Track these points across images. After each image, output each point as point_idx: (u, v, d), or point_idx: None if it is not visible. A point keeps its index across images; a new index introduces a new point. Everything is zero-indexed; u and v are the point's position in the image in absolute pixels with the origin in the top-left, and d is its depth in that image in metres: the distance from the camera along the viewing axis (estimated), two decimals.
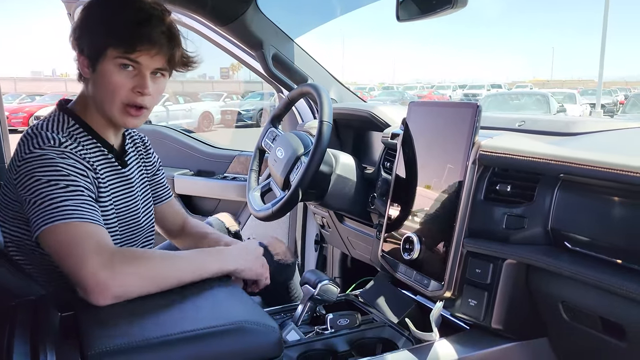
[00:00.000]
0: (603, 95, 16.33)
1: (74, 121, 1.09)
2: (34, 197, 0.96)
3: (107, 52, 1.03)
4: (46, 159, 0.98)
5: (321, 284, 1.21)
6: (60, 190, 0.97)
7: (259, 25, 1.73)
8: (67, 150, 1.01)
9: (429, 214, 1.19)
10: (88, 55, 1.06)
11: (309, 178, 1.39)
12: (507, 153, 1.05)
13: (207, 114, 14.61)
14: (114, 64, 1.04)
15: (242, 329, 0.88)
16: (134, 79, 1.05)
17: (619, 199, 0.89)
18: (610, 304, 0.90)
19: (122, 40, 1.03)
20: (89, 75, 1.07)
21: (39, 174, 0.97)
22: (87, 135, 1.10)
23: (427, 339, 1.10)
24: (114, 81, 1.05)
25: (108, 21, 1.04)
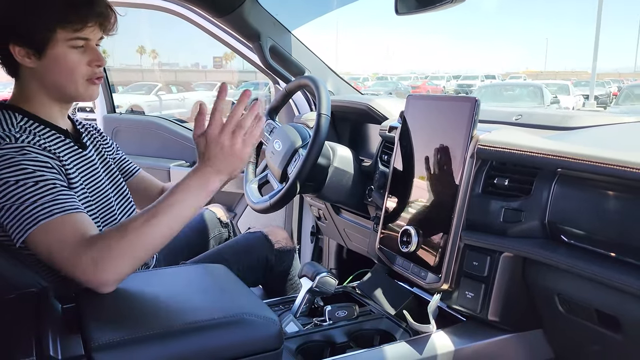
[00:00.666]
0: (596, 86, 16.39)
1: (21, 115, 1.06)
2: (7, 202, 0.94)
3: (57, 36, 1.02)
4: (8, 159, 0.95)
5: (319, 276, 1.22)
6: (32, 190, 0.95)
7: (257, 17, 1.72)
8: (26, 145, 0.98)
9: (426, 207, 1.20)
10: (31, 43, 1.02)
11: (307, 171, 1.40)
12: (505, 147, 1.06)
13: (200, 103, 14.54)
14: (67, 46, 1.03)
15: (243, 321, 0.89)
16: (85, 54, 1.06)
17: (615, 194, 0.90)
18: (605, 297, 0.92)
19: (72, 20, 1.02)
20: (33, 65, 1.04)
21: (5, 176, 0.94)
22: (39, 125, 1.07)
23: (425, 331, 1.11)
24: (70, 62, 1.04)
25: (49, 5, 1.01)
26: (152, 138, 2.55)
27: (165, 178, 2.44)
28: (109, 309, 0.93)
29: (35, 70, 1.05)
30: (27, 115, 1.06)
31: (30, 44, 1.02)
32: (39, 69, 1.05)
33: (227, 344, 0.87)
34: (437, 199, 1.17)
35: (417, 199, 1.23)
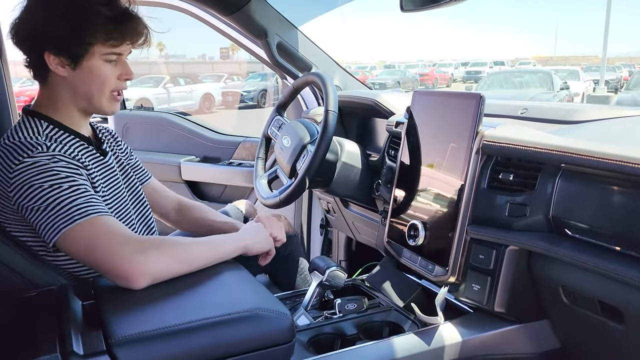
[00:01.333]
0: (607, 71, 16.21)
1: (47, 123, 1.09)
2: (41, 204, 0.98)
3: (95, 50, 1.06)
4: (41, 166, 0.99)
5: (329, 270, 1.25)
6: (66, 192, 0.99)
7: (264, 14, 1.74)
8: (57, 153, 1.02)
9: (433, 201, 1.22)
10: (68, 53, 1.05)
11: (316, 167, 1.43)
12: (509, 143, 1.08)
13: (208, 95, 14.56)
14: (101, 59, 1.07)
15: (257, 315, 0.92)
16: (116, 67, 1.10)
17: (618, 189, 0.92)
18: (608, 289, 0.94)
19: (112, 37, 1.06)
20: (66, 73, 1.07)
21: (39, 181, 0.98)
22: (64, 133, 1.10)
23: (432, 322, 1.14)
24: (103, 74, 1.08)
25: (91, 19, 1.04)
26: (162, 134, 2.58)
27: (176, 173, 2.48)
28: (128, 305, 0.96)
29: (67, 79, 1.08)
30: (52, 123, 1.10)
31: (66, 54, 1.05)
32: (71, 78, 1.08)
33: (242, 338, 0.90)
34: (443, 193, 1.19)
35: (424, 193, 1.25)
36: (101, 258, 0.97)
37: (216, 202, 2.45)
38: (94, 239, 0.97)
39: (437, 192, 1.21)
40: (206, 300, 0.98)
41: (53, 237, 0.98)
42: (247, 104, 14.73)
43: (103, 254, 0.97)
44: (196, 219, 1.43)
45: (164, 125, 2.59)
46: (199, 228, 1.41)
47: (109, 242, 0.97)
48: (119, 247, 0.97)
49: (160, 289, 1.01)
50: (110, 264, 0.97)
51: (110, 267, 0.97)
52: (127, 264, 0.96)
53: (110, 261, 0.97)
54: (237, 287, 1.05)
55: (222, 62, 22.99)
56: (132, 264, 0.96)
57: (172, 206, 1.43)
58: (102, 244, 0.97)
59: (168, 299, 0.98)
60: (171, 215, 1.43)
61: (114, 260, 0.96)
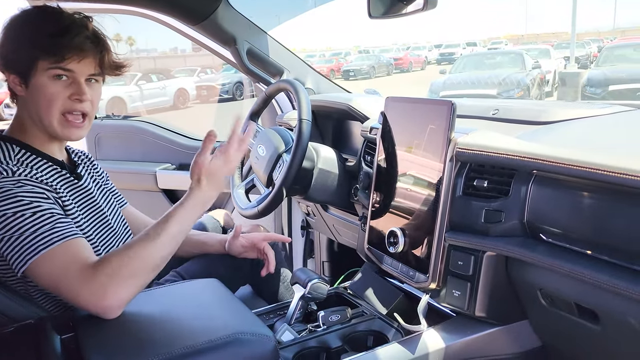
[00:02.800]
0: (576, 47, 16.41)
1: (18, 147, 1.08)
2: (6, 233, 0.96)
3: (38, 65, 1.05)
4: (5, 192, 0.98)
5: (311, 282, 1.25)
6: (30, 220, 0.97)
7: (231, 22, 1.71)
8: (22, 178, 1.00)
9: (410, 208, 1.22)
10: (18, 72, 1.06)
11: (292, 176, 1.42)
12: (482, 150, 1.08)
13: (183, 90, 14.36)
14: (47, 76, 1.05)
15: (238, 340, 0.92)
16: (69, 87, 1.07)
17: (589, 194, 0.93)
18: (583, 292, 0.96)
19: (49, 50, 1.04)
20: (23, 93, 1.08)
21: (3, 208, 0.97)
22: (35, 157, 1.09)
23: (416, 330, 1.15)
24: (49, 92, 1.06)
25: (32, 35, 1.05)
26: (136, 142, 2.54)
27: (152, 182, 2.45)
28: (108, 337, 0.95)
29: (25, 100, 1.09)
30: (23, 147, 1.09)
31: (17, 72, 1.06)
32: (27, 97, 1.08)
33: None
34: (420, 200, 1.19)
35: (401, 200, 1.26)
36: (64, 294, 0.96)
37: None
38: (53, 274, 0.96)
39: (414, 199, 1.21)
40: (187, 326, 0.98)
41: (20, 267, 0.97)
42: (223, 97, 14.59)
43: (64, 290, 0.96)
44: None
45: (137, 134, 2.55)
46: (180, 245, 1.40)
47: (66, 278, 0.95)
48: (76, 283, 0.94)
49: (138, 315, 1.00)
50: (74, 300, 0.96)
51: (75, 303, 0.96)
52: (89, 298, 0.94)
53: (73, 298, 0.96)
54: (217, 309, 1.05)
55: (194, 54, 22.63)
56: (94, 298, 0.94)
57: (144, 227, 1.41)
58: (61, 280, 0.95)
59: (149, 327, 0.97)
60: None
61: (76, 298, 0.95)
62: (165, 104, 13.54)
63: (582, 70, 11.88)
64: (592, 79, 9.06)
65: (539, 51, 13.71)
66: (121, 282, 0.95)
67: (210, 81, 15.95)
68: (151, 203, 2.44)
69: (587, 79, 9.15)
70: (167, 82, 14.59)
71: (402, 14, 1.18)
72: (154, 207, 2.41)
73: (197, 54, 22.57)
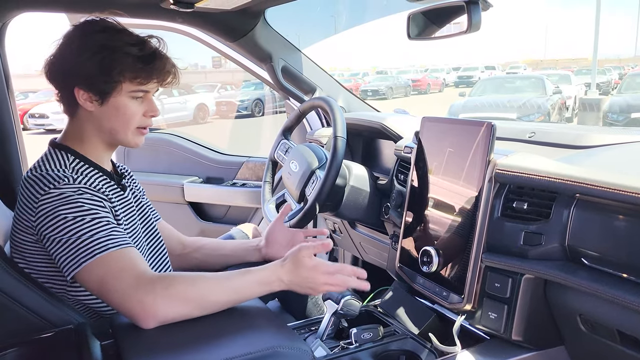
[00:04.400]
0: (597, 74, 16.33)
1: (73, 156, 1.11)
2: (63, 236, 0.99)
3: (123, 87, 1.08)
4: (66, 197, 1.01)
5: (344, 299, 1.25)
6: (88, 225, 1.00)
7: (268, 39, 1.75)
8: (82, 186, 1.04)
9: (445, 227, 1.22)
10: (97, 90, 1.08)
11: (326, 193, 1.43)
12: (522, 172, 1.08)
13: (202, 105, 14.55)
14: (128, 96, 1.10)
15: (277, 353, 0.92)
16: (142, 104, 1.13)
17: (633, 219, 0.93)
18: (627, 319, 0.95)
19: (140, 76, 1.08)
20: (94, 109, 1.10)
21: (64, 212, 1.00)
22: (89, 167, 1.12)
23: (450, 352, 1.14)
24: (129, 111, 1.11)
25: (122, 59, 1.07)
26: (164, 155, 2.58)
27: (179, 194, 2.47)
28: (148, 345, 0.96)
29: (94, 114, 1.11)
30: (77, 157, 1.12)
31: (95, 91, 1.08)
32: (98, 113, 1.11)
33: None
34: (456, 220, 1.19)
35: (436, 219, 1.26)
36: (112, 297, 0.99)
37: (220, 222, 2.45)
38: (106, 277, 0.98)
39: (449, 219, 1.21)
40: (225, 338, 0.98)
41: (73, 270, 0.99)
42: (242, 113, 14.74)
43: (114, 294, 0.98)
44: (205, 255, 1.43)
45: (165, 146, 2.59)
46: (205, 256, 1.41)
47: (119, 282, 0.98)
48: (129, 288, 0.97)
49: (178, 326, 1.00)
50: (120, 304, 0.98)
51: (121, 306, 0.98)
52: (136, 305, 0.97)
53: (120, 302, 0.98)
54: (255, 322, 1.05)
55: (214, 71, 22.98)
56: (142, 306, 0.96)
57: (178, 242, 1.44)
58: (113, 283, 0.98)
59: (186, 337, 0.98)
60: (177, 250, 1.43)
61: (123, 302, 0.97)
62: (185, 119, 13.71)
63: (604, 96, 11.80)
64: (614, 105, 9.00)
65: (559, 76, 13.66)
66: (174, 301, 0.98)
67: (229, 97, 16.14)
68: (178, 215, 2.47)
69: (609, 106, 9.09)
70: (188, 97, 14.78)
71: (442, 36, 1.20)
72: (181, 220, 2.44)
73: (217, 70, 22.89)
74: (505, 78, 13.13)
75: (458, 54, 77.86)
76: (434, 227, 1.26)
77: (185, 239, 1.46)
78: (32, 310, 1.03)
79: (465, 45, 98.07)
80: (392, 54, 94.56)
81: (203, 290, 1.02)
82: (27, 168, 1.24)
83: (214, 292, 1.02)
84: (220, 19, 1.62)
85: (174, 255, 1.41)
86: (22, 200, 1.05)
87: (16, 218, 1.07)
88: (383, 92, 20.60)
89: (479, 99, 10.44)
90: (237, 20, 1.64)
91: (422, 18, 1.37)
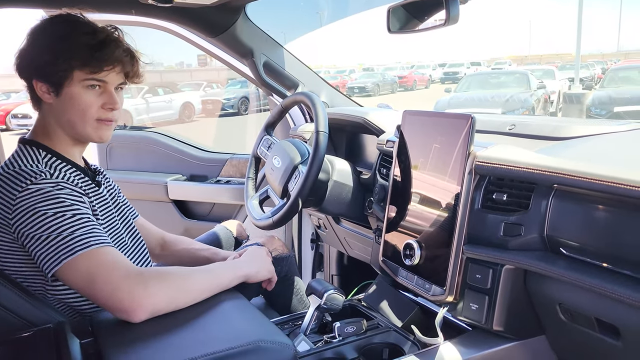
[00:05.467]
0: (581, 69, 16.52)
1: (45, 152, 1.10)
2: (43, 232, 0.98)
3: (74, 76, 1.07)
4: (45, 192, 1.00)
5: (327, 293, 1.25)
6: (69, 221, 0.99)
7: (249, 35, 1.74)
8: (60, 181, 1.03)
9: (427, 220, 1.23)
10: (52, 81, 1.08)
11: (309, 188, 1.43)
12: (502, 164, 1.09)
13: (188, 104, 14.46)
14: (81, 86, 1.09)
15: (259, 348, 0.92)
16: (101, 96, 1.11)
17: (611, 208, 0.94)
18: (604, 307, 0.96)
19: (89, 63, 1.07)
20: (51, 100, 1.09)
21: (43, 208, 0.98)
22: (61, 162, 1.11)
23: (433, 343, 1.15)
24: (84, 101, 1.09)
25: (70, 47, 1.06)
26: (148, 153, 2.56)
27: (162, 192, 2.46)
28: (128, 343, 0.95)
29: (53, 107, 1.10)
30: (49, 152, 1.11)
31: (49, 81, 1.07)
32: (56, 105, 1.10)
33: None
34: (437, 213, 1.20)
35: (418, 212, 1.26)
36: (101, 290, 0.97)
37: (204, 220, 2.44)
38: (94, 270, 0.97)
39: (431, 212, 1.22)
40: (207, 334, 0.98)
41: (53, 267, 0.98)
42: (228, 111, 14.68)
43: (103, 286, 0.97)
44: (180, 250, 1.44)
45: (148, 144, 2.57)
46: (184, 259, 1.41)
47: (108, 274, 0.97)
48: (119, 279, 0.97)
49: (158, 322, 1.00)
50: (110, 296, 0.97)
51: (110, 299, 0.97)
52: (126, 296, 0.96)
53: (110, 294, 0.97)
54: (237, 317, 1.05)
55: (200, 69, 22.85)
56: (132, 297, 0.96)
57: (157, 242, 1.44)
58: (102, 276, 0.97)
59: (167, 334, 0.97)
60: (156, 251, 1.44)
61: (114, 293, 0.96)
62: (171, 117, 13.62)
63: (587, 91, 11.95)
64: (597, 99, 9.12)
65: (543, 72, 13.80)
66: (163, 292, 1.00)
67: (215, 96, 16.07)
68: (161, 213, 2.45)
69: (592, 100, 9.20)
70: (174, 96, 14.69)
71: (421, 29, 1.20)
72: (165, 218, 2.42)
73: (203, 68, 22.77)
74: (490, 74, 13.23)
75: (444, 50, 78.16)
76: (416, 220, 1.27)
77: (167, 237, 1.45)
78: (9, 310, 1.01)
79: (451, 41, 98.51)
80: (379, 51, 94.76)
81: (190, 279, 1.06)
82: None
83: (198, 280, 1.06)
84: (200, 14, 1.61)
85: (152, 255, 1.40)
86: (3, 194, 1.02)
87: None
88: (369, 89, 20.65)
89: (464, 95, 10.52)
90: (217, 15, 1.63)
91: (402, 11, 1.38)
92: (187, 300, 1.04)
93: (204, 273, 1.10)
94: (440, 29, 1.17)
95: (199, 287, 1.06)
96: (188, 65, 25.67)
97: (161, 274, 1.03)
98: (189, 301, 1.04)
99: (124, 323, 0.99)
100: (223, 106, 14.98)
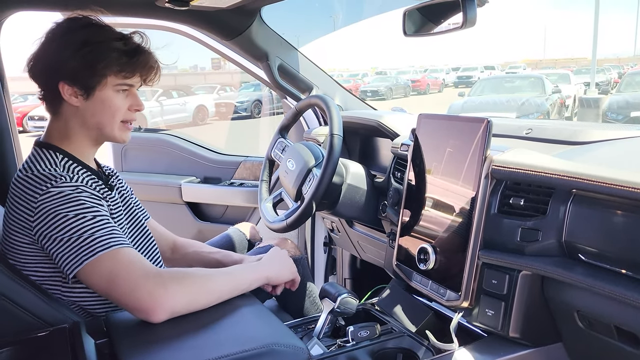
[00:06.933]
0: (596, 73, 16.34)
1: (61, 155, 1.11)
2: (64, 234, 0.99)
3: (107, 81, 1.09)
4: (66, 195, 1.01)
5: (340, 297, 1.24)
6: (90, 223, 1.00)
7: (264, 38, 1.75)
8: (79, 184, 1.04)
9: (442, 225, 1.22)
10: (82, 84, 1.08)
11: (323, 191, 1.43)
12: (519, 168, 1.08)
13: (202, 107, 14.57)
14: (113, 90, 1.11)
15: (273, 351, 0.92)
16: (127, 98, 1.14)
17: (630, 214, 0.92)
18: (624, 314, 0.94)
19: (125, 69, 1.10)
20: (79, 104, 1.10)
21: (64, 210, 1.00)
22: (77, 165, 1.12)
23: (447, 349, 1.14)
24: (114, 104, 1.12)
25: (106, 53, 1.08)
26: (162, 155, 2.57)
27: (176, 194, 2.47)
28: (142, 343, 0.95)
29: (79, 110, 1.11)
30: (66, 155, 1.12)
31: (80, 85, 1.08)
32: (83, 108, 1.11)
33: None
34: (452, 217, 1.19)
35: (433, 217, 1.25)
36: (121, 291, 0.98)
37: (218, 222, 2.45)
38: (114, 271, 0.98)
39: (446, 216, 1.21)
40: (221, 336, 0.98)
41: (75, 268, 0.99)
42: (241, 114, 14.75)
43: (123, 286, 0.98)
44: (191, 253, 1.44)
45: (163, 147, 2.58)
46: (194, 262, 1.42)
47: (129, 274, 0.98)
48: (140, 279, 0.98)
49: (173, 323, 1.00)
50: (130, 296, 0.98)
51: (130, 300, 0.98)
52: (147, 296, 0.97)
53: (130, 294, 0.98)
54: (252, 320, 1.04)
55: (214, 72, 22.99)
56: (152, 297, 0.97)
57: (168, 245, 1.44)
58: (123, 276, 0.98)
59: (182, 336, 0.97)
60: (167, 254, 1.44)
61: (134, 293, 0.97)
62: (185, 120, 13.72)
63: (603, 95, 11.80)
64: (613, 104, 9.00)
65: (559, 76, 13.67)
66: (183, 293, 1.00)
67: (229, 99, 16.16)
68: (175, 215, 2.46)
69: (608, 105, 9.08)
70: (188, 99, 14.80)
71: (437, 32, 1.19)
72: (178, 220, 2.44)
73: (216, 71, 22.91)
74: (505, 78, 13.13)
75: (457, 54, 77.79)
76: (431, 224, 1.25)
77: (177, 241, 1.45)
78: (27, 309, 1.02)
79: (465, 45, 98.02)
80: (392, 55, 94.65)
81: (210, 281, 1.06)
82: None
83: (218, 282, 1.07)
84: (216, 17, 1.61)
85: (163, 258, 1.41)
86: (15, 202, 1.04)
87: (9, 220, 1.06)
88: (382, 93, 20.63)
89: (478, 99, 10.44)
90: (232, 18, 1.63)
91: (417, 14, 1.37)
92: (206, 302, 1.04)
93: (224, 275, 1.10)
94: (456, 32, 1.16)
95: (219, 288, 1.06)
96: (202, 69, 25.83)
97: (181, 274, 1.03)
98: (209, 302, 1.04)
99: (139, 323, 1.00)
100: (236, 109, 15.06)
